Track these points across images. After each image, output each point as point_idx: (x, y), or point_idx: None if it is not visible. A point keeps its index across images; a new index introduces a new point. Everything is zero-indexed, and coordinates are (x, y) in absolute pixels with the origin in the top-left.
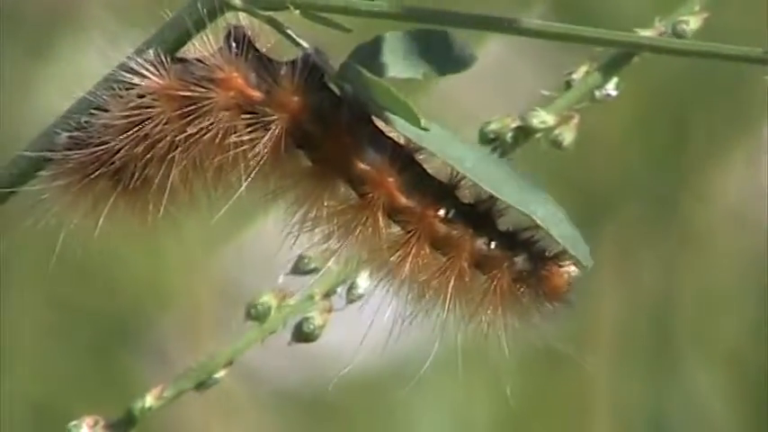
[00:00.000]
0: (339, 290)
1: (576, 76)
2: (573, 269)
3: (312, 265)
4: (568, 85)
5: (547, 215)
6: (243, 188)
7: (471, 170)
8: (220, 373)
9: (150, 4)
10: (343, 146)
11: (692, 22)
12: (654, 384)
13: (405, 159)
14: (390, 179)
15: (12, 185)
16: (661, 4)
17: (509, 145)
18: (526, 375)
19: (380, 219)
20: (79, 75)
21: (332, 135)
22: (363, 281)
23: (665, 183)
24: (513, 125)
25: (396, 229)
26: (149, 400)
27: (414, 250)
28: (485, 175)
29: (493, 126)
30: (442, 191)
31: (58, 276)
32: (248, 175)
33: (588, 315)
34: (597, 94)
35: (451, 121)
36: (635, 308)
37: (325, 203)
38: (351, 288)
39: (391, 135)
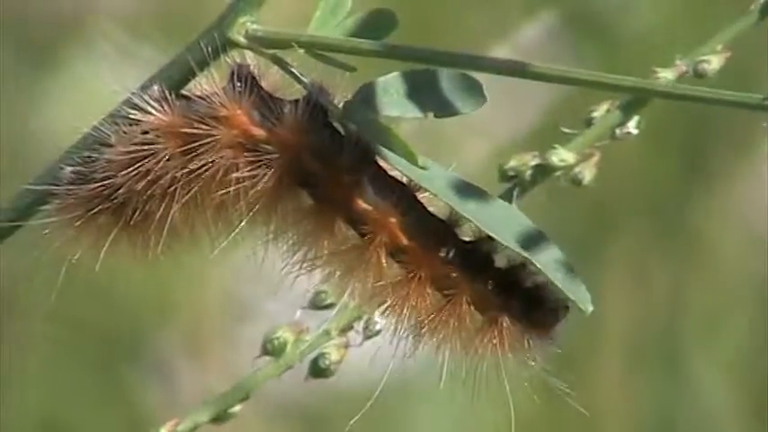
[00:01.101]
0: (356, 325)
1: (597, 114)
2: (562, 314)
3: (329, 300)
4: (589, 123)
5: (548, 261)
6: (243, 226)
7: (472, 213)
8: (236, 408)
9: (158, 18)
10: (346, 185)
11: (714, 62)
12: (663, 394)
13: (408, 200)
14: (393, 220)
15: (17, 219)
16: (677, 14)
17: (528, 183)
18: (532, 385)
19: (382, 259)
20: (87, 88)
21: (334, 174)
22: (381, 317)
23: (674, 197)
24: (533, 163)
25: (396, 267)
26: None
27: (415, 290)
28: (486, 217)
29: (512, 163)
30: (444, 231)
31: (63, 292)
32: (249, 213)
33: (598, 326)
34: (618, 132)
35: (459, 132)
36: (644, 319)
37: (327, 243)
38: (368, 324)
39: (395, 175)
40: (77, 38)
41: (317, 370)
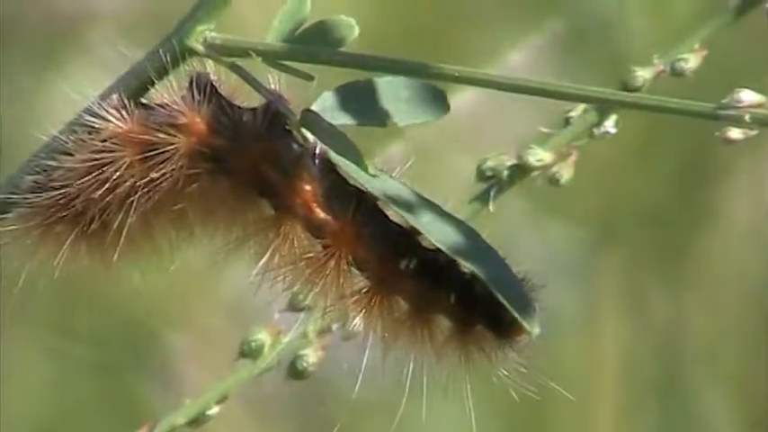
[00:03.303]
0: (334, 327)
1: (575, 113)
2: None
3: (306, 303)
4: (567, 122)
5: (498, 277)
6: (204, 235)
7: (421, 223)
8: (213, 410)
9: (156, 23)
10: (305, 195)
11: (692, 61)
12: (663, 412)
13: (368, 209)
14: (353, 231)
15: None
16: (669, 34)
17: (506, 182)
18: (532, 401)
19: (343, 272)
20: (86, 93)
21: (294, 183)
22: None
23: (673, 207)
24: (510, 162)
25: (360, 277)
26: None
27: (379, 301)
28: (435, 229)
29: (489, 163)
30: (405, 240)
31: (66, 298)
32: (209, 223)
33: (596, 341)
34: (596, 131)
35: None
36: (643, 333)
37: (287, 253)
38: (344, 326)
39: (356, 184)
40: (76, 42)
41: (295, 372)
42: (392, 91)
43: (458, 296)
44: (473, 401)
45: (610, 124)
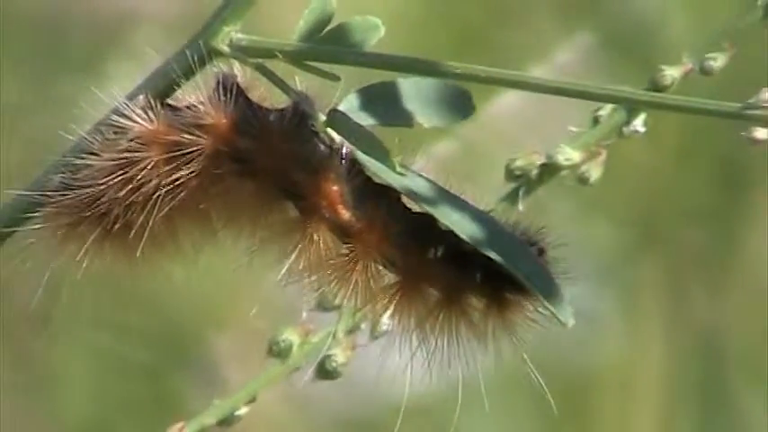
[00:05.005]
0: (363, 326)
1: (604, 112)
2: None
3: (335, 302)
4: (596, 121)
5: (530, 272)
6: (228, 236)
7: (450, 219)
8: (242, 410)
9: (198, 25)
10: (332, 196)
11: (720, 59)
12: (704, 414)
13: (394, 207)
14: (380, 233)
15: (6, 227)
16: (713, 34)
17: (534, 182)
18: (574, 403)
19: (371, 272)
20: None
21: (320, 185)
22: (388, 317)
23: (715, 209)
24: (539, 162)
25: (389, 274)
26: None
27: (411, 295)
28: (467, 229)
29: (518, 163)
30: (430, 230)
31: (111, 299)
32: (234, 224)
33: (637, 343)
34: (625, 130)
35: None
36: (684, 335)
37: (314, 254)
38: (375, 324)
39: (382, 183)
40: (119, 44)
41: (324, 372)
42: (417, 92)
43: (483, 274)
44: (510, 406)
45: (639, 123)
